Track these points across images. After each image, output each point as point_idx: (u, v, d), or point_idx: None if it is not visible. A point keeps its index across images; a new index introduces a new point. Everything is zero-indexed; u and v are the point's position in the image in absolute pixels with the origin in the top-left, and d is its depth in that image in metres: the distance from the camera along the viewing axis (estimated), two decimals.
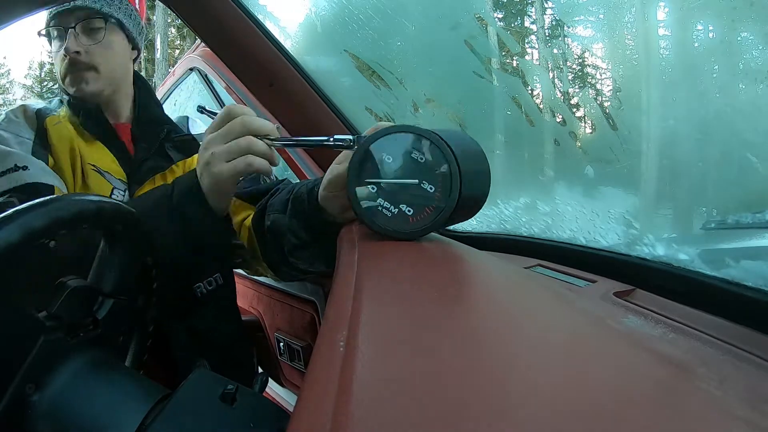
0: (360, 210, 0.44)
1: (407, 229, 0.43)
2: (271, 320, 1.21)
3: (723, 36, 0.63)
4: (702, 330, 0.38)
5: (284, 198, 0.67)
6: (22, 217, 0.36)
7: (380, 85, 0.93)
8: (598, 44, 0.84)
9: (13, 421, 0.37)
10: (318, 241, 0.63)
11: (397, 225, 0.43)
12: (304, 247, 0.64)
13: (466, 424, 0.14)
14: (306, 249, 0.64)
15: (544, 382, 0.18)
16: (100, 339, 0.44)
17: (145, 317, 0.53)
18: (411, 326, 0.23)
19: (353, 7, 0.91)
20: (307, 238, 0.63)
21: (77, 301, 0.43)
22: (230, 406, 0.39)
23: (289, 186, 0.71)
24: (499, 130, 0.89)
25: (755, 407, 0.24)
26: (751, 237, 0.54)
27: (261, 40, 0.89)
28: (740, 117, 0.62)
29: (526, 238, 0.70)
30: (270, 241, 0.68)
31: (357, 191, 0.44)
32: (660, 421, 0.16)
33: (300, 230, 0.63)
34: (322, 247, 0.63)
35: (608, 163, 0.74)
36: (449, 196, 0.42)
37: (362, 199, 0.44)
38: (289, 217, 0.65)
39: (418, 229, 0.43)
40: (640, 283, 0.50)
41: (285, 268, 0.71)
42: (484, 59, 0.86)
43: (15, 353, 0.37)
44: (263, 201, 0.72)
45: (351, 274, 0.33)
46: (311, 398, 0.17)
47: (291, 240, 0.64)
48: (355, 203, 0.44)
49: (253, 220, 0.72)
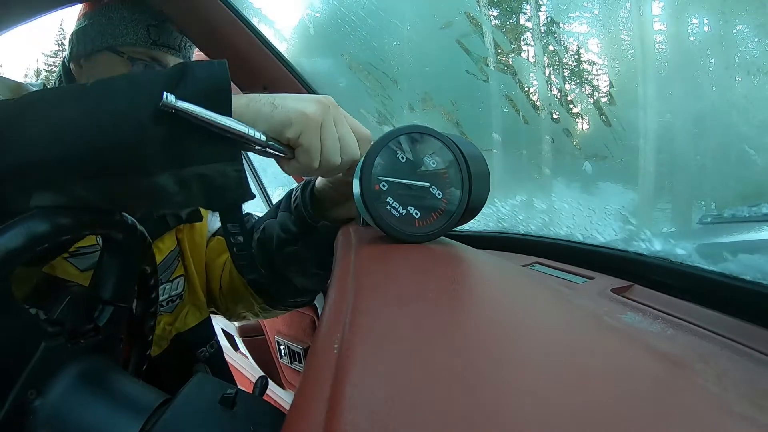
0: (371, 204, 0.42)
1: (413, 231, 0.42)
2: (270, 323, 1.21)
3: (718, 29, 0.63)
4: (700, 325, 0.38)
5: (275, 206, 0.68)
6: (24, 223, 0.36)
7: (374, 86, 0.93)
8: (593, 40, 0.84)
9: (15, 427, 0.37)
10: (306, 235, 0.62)
11: (403, 226, 0.43)
12: (292, 242, 0.64)
13: (462, 425, 0.14)
14: (293, 244, 0.64)
15: (542, 382, 0.18)
16: (100, 346, 0.44)
17: (145, 326, 0.53)
18: (407, 327, 0.23)
19: (345, 9, 0.91)
20: (296, 231, 0.63)
21: (78, 308, 0.43)
22: (230, 409, 0.39)
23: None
24: (493, 128, 0.89)
25: (754, 402, 0.24)
26: (748, 230, 0.54)
27: (254, 44, 0.89)
28: (736, 110, 0.62)
29: (524, 236, 0.70)
30: (257, 254, 0.67)
31: (369, 186, 0.43)
32: (658, 419, 0.16)
33: (290, 223, 0.63)
34: (311, 245, 0.62)
35: (603, 159, 0.74)
36: (458, 205, 0.42)
37: (373, 194, 0.43)
38: (280, 210, 0.64)
39: (424, 233, 0.42)
40: (638, 279, 0.50)
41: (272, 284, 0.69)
42: (478, 58, 0.86)
43: (16, 359, 0.37)
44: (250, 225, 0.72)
45: (348, 276, 0.33)
46: (304, 401, 0.17)
47: (279, 234, 0.64)
48: (368, 197, 0.42)
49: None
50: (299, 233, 0.63)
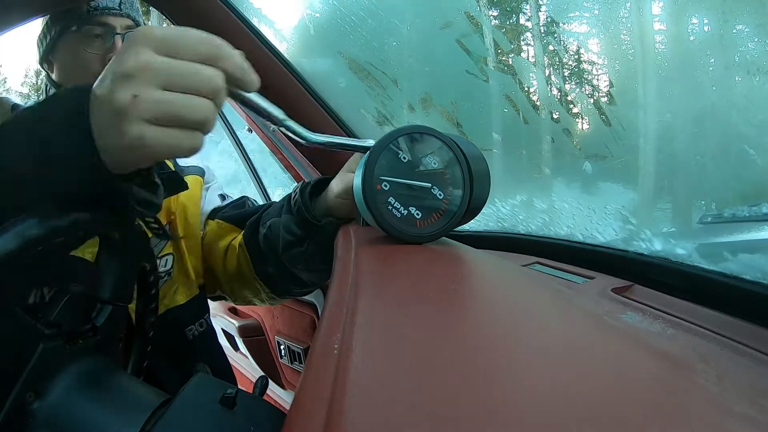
0: (373, 204, 0.42)
1: (414, 232, 0.42)
2: (271, 323, 1.21)
3: (718, 29, 0.63)
4: (701, 325, 0.38)
5: (279, 204, 0.68)
6: (18, 225, 0.36)
7: (374, 86, 0.93)
8: (593, 40, 0.84)
9: (14, 430, 0.37)
10: (311, 237, 0.63)
11: (404, 226, 0.43)
12: (297, 244, 0.64)
13: (462, 425, 0.14)
14: (299, 245, 0.64)
15: (542, 381, 0.18)
16: (99, 346, 0.44)
17: (145, 323, 0.53)
18: (407, 327, 0.23)
19: (345, 9, 0.91)
20: (300, 233, 0.63)
21: (76, 308, 0.43)
22: (230, 409, 0.39)
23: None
24: (493, 128, 0.89)
25: (754, 402, 0.24)
26: (748, 230, 0.54)
27: (255, 44, 0.89)
28: (736, 110, 0.62)
29: (524, 235, 0.70)
30: (265, 249, 0.68)
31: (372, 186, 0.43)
32: (658, 419, 0.16)
33: (292, 225, 0.63)
34: (317, 244, 0.63)
35: (603, 159, 0.74)
36: (459, 205, 0.42)
37: (375, 195, 0.43)
38: (283, 213, 0.65)
39: (425, 234, 0.42)
40: (638, 278, 0.50)
41: (280, 277, 0.70)
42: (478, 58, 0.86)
43: (14, 361, 0.37)
44: (256, 216, 0.72)
45: (348, 276, 0.33)
46: (305, 401, 0.17)
47: (285, 237, 0.64)
48: (370, 197, 0.42)
49: (245, 236, 0.72)
50: (303, 234, 0.63)
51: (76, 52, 0.71)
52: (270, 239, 0.67)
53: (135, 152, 0.34)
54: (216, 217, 0.79)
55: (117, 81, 0.33)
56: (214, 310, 1.42)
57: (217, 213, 0.80)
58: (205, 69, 0.35)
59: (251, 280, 0.74)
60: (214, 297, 0.83)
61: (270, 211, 0.70)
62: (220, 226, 0.78)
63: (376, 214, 0.42)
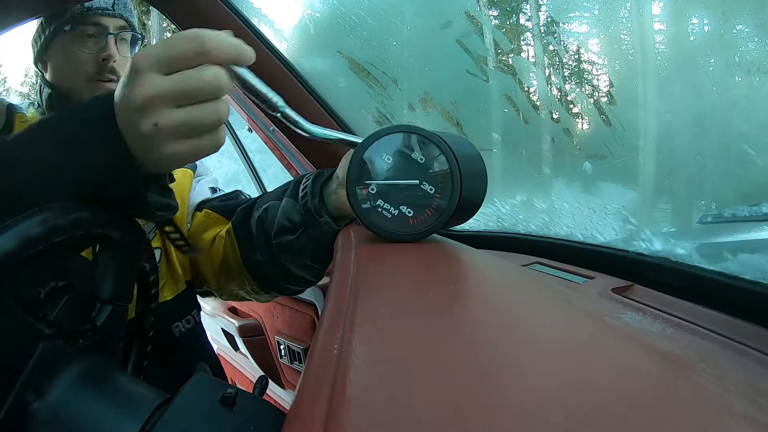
0: (360, 211, 0.43)
1: (407, 230, 0.43)
2: (271, 323, 1.21)
3: (718, 29, 0.63)
4: (701, 324, 0.38)
5: (281, 189, 0.66)
6: (18, 224, 0.36)
7: (374, 86, 0.93)
8: (593, 40, 0.84)
9: (14, 430, 0.37)
10: (308, 229, 0.61)
11: (396, 226, 0.43)
12: (292, 232, 0.63)
13: (462, 425, 0.14)
14: (292, 234, 0.63)
15: (542, 381, 0.18)
16: (99, 345, 0.44)
17: (145, 323, 0.53)
18: (407, 327, 0.23)
19: (345, 8, 0.91)
20: (300, 221, 0.62)
21: (76, 308, 0.43)
22: (230, 409, 0.39)
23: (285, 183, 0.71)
24: (493, 127, 0.89)
25: (754, 402, 0.24)
26: (748, 230, 0.54)
27: (255, 44, 0.89)
28: (736, 110, 0.62)
29: (524, 235, 0.70)
30: (257, 233, 0.66)
31: (357, 192, 0.43)
32: (658, 418, 0.16)
33: (294, 212, 0.62)
34: (309, 238, 0.62)
35: (603, 158, 0.74)
36: (450, 197, 0.42)
37: (362, 199, 0.43)
38: (286, 196, 0.63)
39: (418, 230, 0.42)
40: (638, 278, 0.50)
41: (268, 267, 0.68)
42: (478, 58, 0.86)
43: (14, 361, 0.37)
44: (248, 204, 0.71)
45: (348, 276, 0.33)
46: (305, 401, 0.17)
47: (281, 222, 0.63)
48: (355, 204, 0.43)
49: (234, 221, 0.71)
50: (301, 224, 0.62)
51: (70, 51, 0.72)
52: (264, 222, 0.66)
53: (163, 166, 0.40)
54: (204, 207, 0.77)
55: (136, 113, 0.36)
56: (214, 310, 1.41)
57: (205, 204, 0.78)
58: (206, 71, 0.37)
59: (237, 271, 0.72)
60: (202, 293, 0.82)
61: (267, 195, 0.68)
62: (208, 216, 0.76)
63: (365, 220, 0.43)
